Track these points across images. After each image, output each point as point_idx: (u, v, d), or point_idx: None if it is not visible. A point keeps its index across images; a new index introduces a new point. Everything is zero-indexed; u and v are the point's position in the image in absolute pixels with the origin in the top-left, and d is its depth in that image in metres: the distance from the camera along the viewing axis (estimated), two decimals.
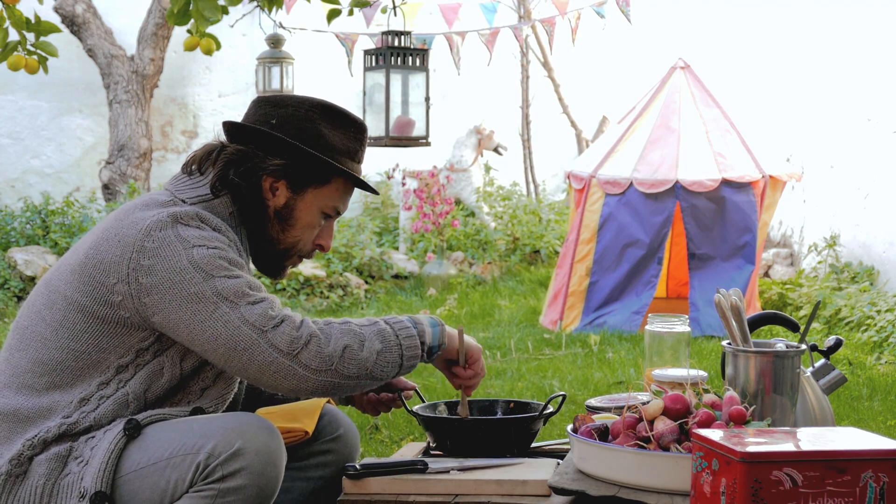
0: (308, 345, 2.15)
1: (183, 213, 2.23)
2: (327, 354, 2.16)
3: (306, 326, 2.17)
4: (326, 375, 2.16)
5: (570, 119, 11.21)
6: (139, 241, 2.19)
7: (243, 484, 2.09)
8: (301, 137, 2.35)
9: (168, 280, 2.16)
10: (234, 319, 2.14)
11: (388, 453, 4.29)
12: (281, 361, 2.14)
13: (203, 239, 2.21)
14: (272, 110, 2.37)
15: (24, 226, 9.30)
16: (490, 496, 2.33)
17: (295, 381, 2.15)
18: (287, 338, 2.14)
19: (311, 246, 2.46)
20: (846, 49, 8.74)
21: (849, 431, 2.09)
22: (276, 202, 2.37)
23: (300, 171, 2.36)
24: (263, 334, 2.14)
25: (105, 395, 2.21)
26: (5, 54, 3.68)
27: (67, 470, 2.16)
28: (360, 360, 2.19)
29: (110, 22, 10.06)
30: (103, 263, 2.21)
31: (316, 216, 2.42)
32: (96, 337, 2.21)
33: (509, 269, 9.60)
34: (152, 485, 2.12)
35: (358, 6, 3.87)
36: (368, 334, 2.23)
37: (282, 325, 2.15)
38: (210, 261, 2.18)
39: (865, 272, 8.04)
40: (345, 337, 2.20)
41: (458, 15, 7.07)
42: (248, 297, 2.17)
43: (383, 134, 4.63)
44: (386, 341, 2.24)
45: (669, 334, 2.60)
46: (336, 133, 2.39)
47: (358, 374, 2.19)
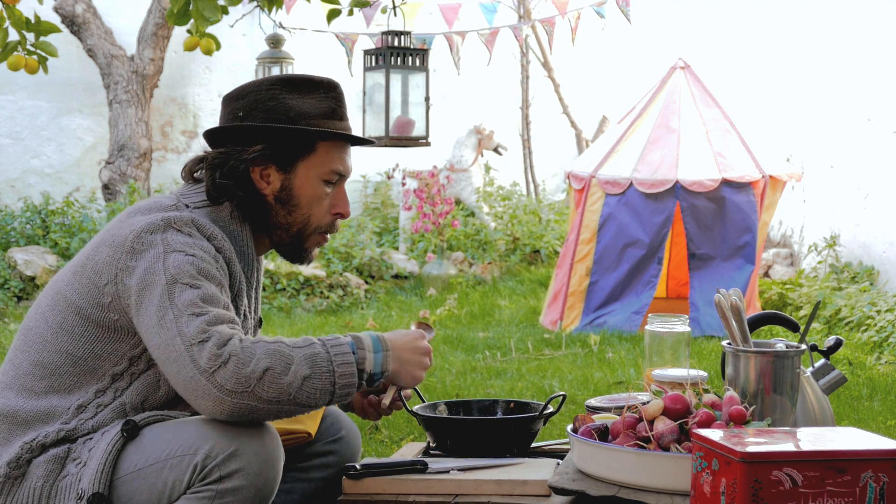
0: (226, 364, 2.04)
1: (178, 218, 2.22)
2: (244, 375, 2.04)
3: (231, 345, 2.06)
4: (242, 398, 2.04)
5: (570, 119, 11.21)
6: (129, 242, 2.19)
7: (241, 485, 2.08)
8: (270, 117, 2.33)
9: (142, 280, 2.15)
10: (172, 328, 2.08)
11: (388, 453, 4.29)
12: (198, 379, 2.04)
13: (185, 245, 2.18)
14: (236, 104, 2.37)
15: (24, 226, 9.30)
16: (490, 496, 2.33)
17: (210, 402, 2.05)
18: (207, 354, 2.04)
19: (328, 217, 2.41)
20: (846, 49, 8.74)
21: (849, 431, 2.09)
22: (273, 188, 2.35)
23: (281, 149, 2.33)
24: (189, 348, 2.06)
25: (103, 404, 2.21)
26: (5, 54, 3.68)
27: (66, 472, 2.16)
28: (282, 384, 2.06)
29: (110, 22, 10.06)
30: (98, 265, 2.21)
31: (317, 187, 2.37)
32: (91, 342, 2.21)
33: (509, 269, 9.60)
34: (150, 486, 2.11)
35: (358, 6, 3.87)
36: (298, 358, 2.09)
37: (208, 341, 2.05)
38: (179, 266, 2.14)
39: (865, 272, 8.04)
40: (268, 358, 2.06)
41: (458, 15, 7.07)
42: (195, 307, 2.10)
43: (383, 134, 4.63)
44: (316, 367, 2.10)
45: (669, 334, 2.60)
46: (305, 100, 2.36)
47: (278, 398, 2.06)
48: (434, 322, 7.65)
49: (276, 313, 8.08)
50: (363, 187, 11.10)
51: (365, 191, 11.09)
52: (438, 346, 6.75)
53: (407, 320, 7.71)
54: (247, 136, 2.34)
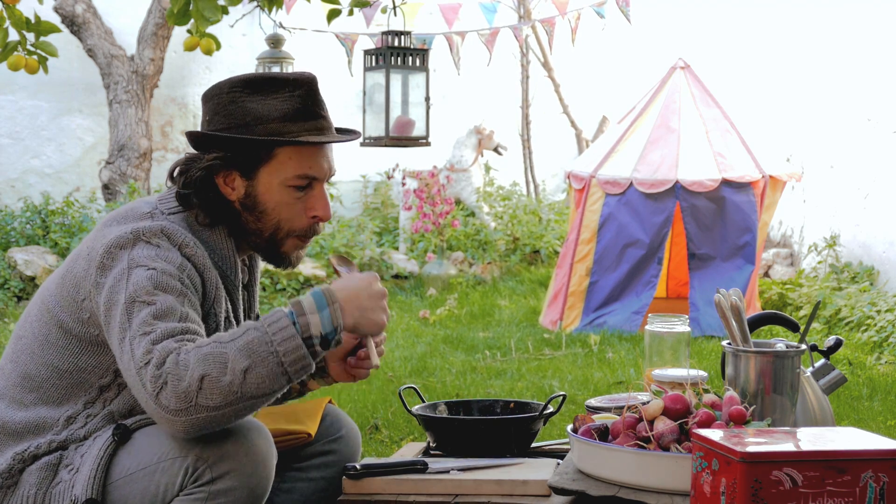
0: (165, 384, 1.96)
1: (147, 229, 2.16)
2: (182, 391, 1.95)
3: (167, 363, 1.97)
4: (189, 413, 1.96)
5: (570, 119, 11.21)
6: (100, 257, 2.15)
7: (233, 485, 2.07)
8: (229, 122, 2.24)
9: (108, 300, 2.11)
10: (128, 351, 2.03)
11: (388, 453, 4.29)
12: (149, 403, 1.99)
13: (150, 259, 2.12)
14: (205, 106, 2.31)
15: (24, 226, 9.30)
16: (490, 496, 2.33)
17: (166, 424, 1.99)
18: (149, 377, 1.98)
19: (304, 221, 2.29)
20: (846, 49, 8.74)
21: (849, 431, 2.09)
22: (238, 195, 2.26)
23: (240, 156, 2.23)
24: (139, 371, 2.00)
25: (92, 414, 2.20)
26: (5, 54, 3.68)
27: (58, 478, 2.15)
28: (223, 386, 1.96)
29: (110, 22, 10.06)
30: (76, 279, 2.19)
31: (282, 193, 2.25)
32: (76, 356, 2.19)
33: (509, 269, 9.60)
34: (142, 489, 2.11)
35: (358, 6, 3.87)
36: (232, 352, 1.97)
37: (150, 363, 1.99)
38: (138, 282, 2.08)
39: (865, 272, 8.04)
40: (201, 365, 1.96)
41: (458, 15, 7.07)
42: (146, 326, 2.03)
43: (383, 134, 4.63)
44: (254, 354, 1.98)
45: (669, 334, 2.60)
46: (267, 101, 2.24)
47: (225, 401, 1.96)
48: (434, 322, 7.65)
49: None
50: (363, 187, 11.10)
51: (365, 191, 11.09)
52: (438, 346, 6.75)
53: (407, 320, 7.71)
54: (210, 142, 2.27)
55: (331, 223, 10.22)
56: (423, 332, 7.28)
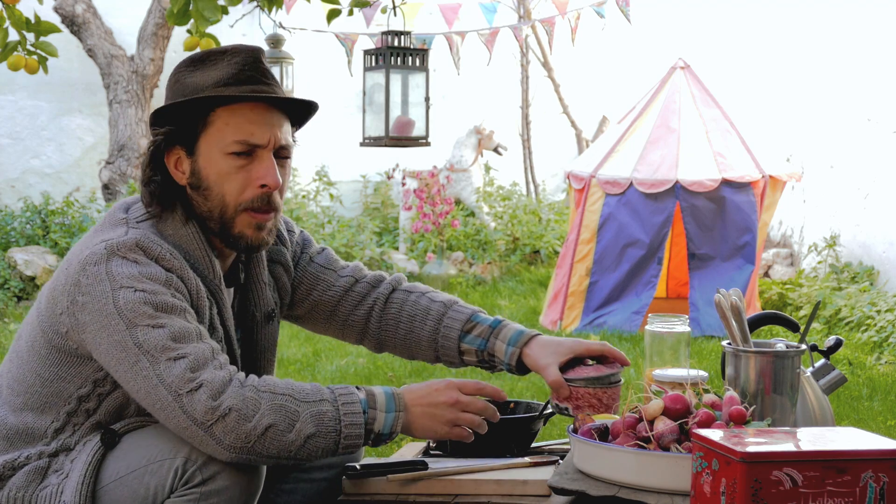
0: (225, 417, 1.98)
1: (120, 244, 2.10)
2: (245, 432, 1.99)
3: (229, 395, 1.99)
4: (241, 452, 2.00)
5: (570, 119, 11.21)
6: (76, 274, 2.10)
7: (225, 485, 2.06)
8: (174, 99, 2.19)
9: (97, 322, 2.07)
10: (152, 377, 2.01)
11: (388, 453, 4.29)
12: (194, 430, 1.99)
13: (132, 279, 2.06)
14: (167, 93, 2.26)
15: (24, 226, 9.31)
16: (490, 496, 2.33)
17: (210, 449, 2.02)
18: (202, 407, 1.98)
19: (250, 192, 2.18)
20: (846, 49, 8.74)
21: (849, 431, 2.09)
22: (186, 176, 2.20)
23: (180, 129, 2.17)
24: (178, 398, 1.99)
25: (78, 423, 2.19)
26: (5, 54, 3.68)
27: (46, 482, 2.15)
28: (285, 442, 2.01)
29: (110, 22, 10.06)
30: (55, 291, 2.16)
31: (222, 161, 2.16)
32: (56, 365, 2.18)
33: (509, 269, 9.60)
34: (133, 493, 2.10)
35: (358, 6, 3.87)
36: (304, 415, 2.02)
37: (199, 390, 1.98)
38: (134, 307, 2.04)
39: (865, 272, 8.05)
40: (272, 414, 2.00)
41: (458, 15, 7.07)
42: (170, 351, 2.01)
43: (383, 134, 4.63)
44: (322, 426, 2.03)
45: (669, 334, 2.60)
46: (206, 73, 2.18)
47: (278, 455, 2.02)
48: None
49: None
50: (363, 187, 11.10)
51: (365, 191, 11.09)
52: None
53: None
54: (157, 125, 2.21)
55: (330, 223, 10.23)
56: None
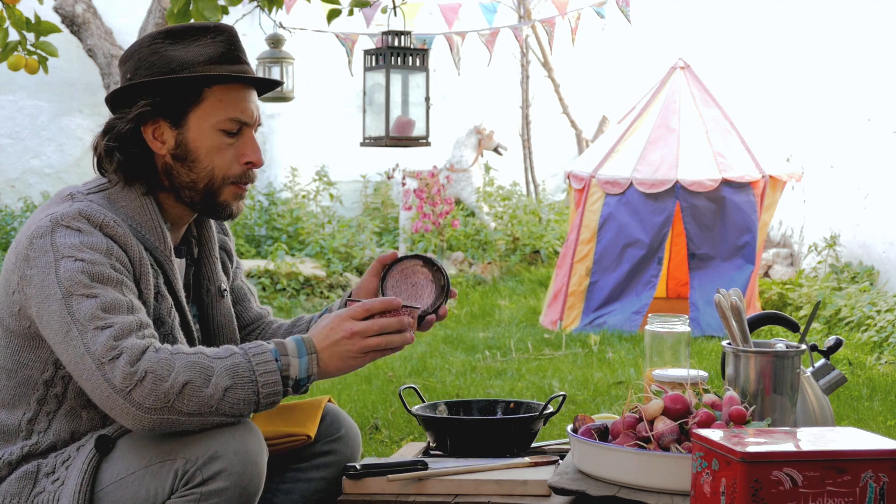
0: (143, 381, 1.99)
1: (64, 214, 2.13)
2: (162, 392, 2.00)
3: (145, 360, 2.01)
4: (162, 413, 2.01)
5: (570, 119, 11.21)
6: (24, 248, 2.13)
7: (225, 486, 2.06)
8: (153, 72, 2.22)
9: (40, 293, 2.09)
10: (80, 346, 2.02)
11: (388, 453, 4.29)
12: (115, 398, 2.00)
13: (73, 249, 2.09)
14: (124, 67, 2.28)
15: None
16: (490, 496, 2.33)
17: (130, 419, 2.02)
18: (121, 373, 1.99)
19: (237, 168, 2.27)
20: (846, 49, 8.74)
21: (849, 431, 2.09)
22: (168, 147, 2.23)
23: (168, 103, 2.21)
24: (101, 367, 2.00)
25: (50, 411, 2.19)
26: (5, 54, 3.68)
27: (40, 487, 2.14)
28: (203, 397, 2.02)
29: (110, 22, 10.06)
30: (7, 273, 2.17)
31: (214, 137, 2.23)
32: (17, 353, 2.18)
33: (509, 269, 9.60)
34: (133, 495, 2.10)
35: (358, 6, 3.88)
36: (218, 369, 2.04)
37: (119, 358, 2.00)
38: (71, 276, 2.06)
39: (865, 272, 8.05)
40: (187, 371, 2.01)
41: (458, 15, 7.07)
42: (98, 320, 2.03)
43: (383, 134, 4.63)
44: (237, 377, 2.05)
45: (669, 334, 2.60)
46: (189, 48, 2.23)
47: (199, 410, 2.03)
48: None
49: (276, 314, 8.08)
50: (363, 187, 11.10)
51: (365, 191, 11.09)
52: (438, 346, 6.75)
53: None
54: (135, 97, 2.23)
55: (330, 223, 10.23)
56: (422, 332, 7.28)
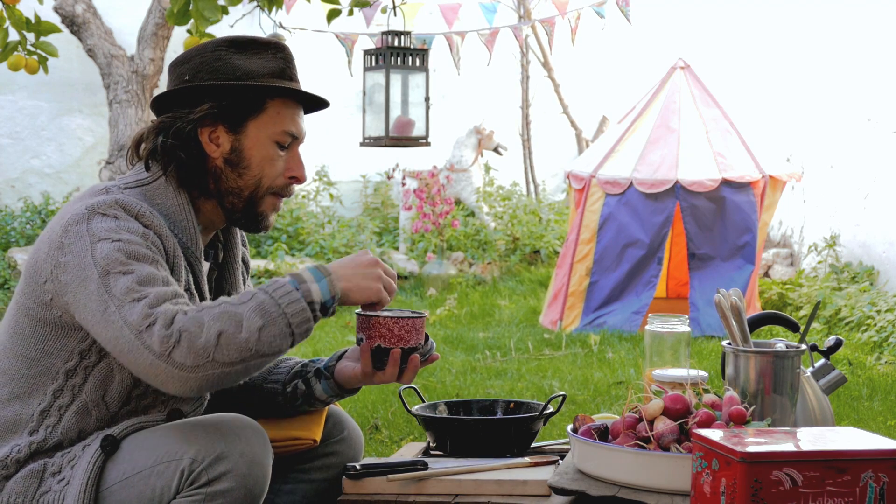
0: (179, 342, 2.00)
1: (101, 203, 2.16)
2: (200, 347, 2.00)
3: (177, 322, 2.01)
4: (205, 369, 2.00)
5: (570, 119, 11.21)
6: (59, 237, 2.15)
7: (230, 487, 2.07)
8: (217, 77, 2.28)
9: (77, 277, 2.10)
10: (117, 321, 2.04)
11: (388, 453, 4.29)
12: (157, 364, 2.00)
13: (110, 231, 2.12)
14: (183, 68, 2.32)
15: (24, 226, 9.31)
16: (490, 496, 2.33)
17: (176, 382, 2.01)
18: (158, 338, 2.00)
19: (282, 180, 2.33)
20: (846, 49, 8.74)
21: (849, 431, 2.09)
22: (223, 150, 2.29)
23: (230, 108, 2.27)
24: (139, 336, 2.01)
25: (63, 405, 2.19)
26: (5, 54, 3.68)
27: (45, 487, 2.14)
28: (240, 342, 2.02)
29: (110, 22, 10.06)
30: (37, 263, 2.18)
31: (269, 148, 2.30)
32: (42, 341, 2.19)
33: (509, 269, 9.60)
34: (138, 494, 2.10)
35: (358, 6, 3.87)
36: (246, 312, 2.04)
37: (154, 324, 2.01)
38: (108, 255, 2.09)
39: (865, 272, 8.05)
40: (218, 322, 2.02)
41: (458, 15, 7.06)
42: (133, 293, 2.05)
43: (383, 134, 4.63)
44: (266, 315, 2.05)
45: (669, 334, 2.60)
46: (252, 60, 2.30)
47: (241, 357, 2.02)
48: (434, 322, 7.65)
49: None
50: (363, 187, 11.10)
51: (365, 191, 11.09)
52: (439, 347, 6.76)
53: None
54: (194, 98, 2.28)
55: (330, 223, 10.23)
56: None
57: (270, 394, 2.51)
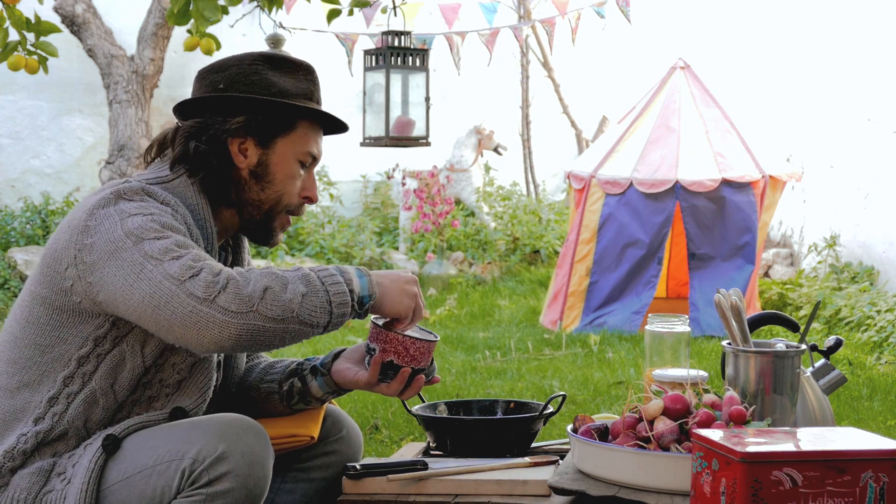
0: (226, 288, 2.05)
1: (127, 188, 2.20)
2: (246, 295, 2.05)
3: (224, 272, 2.08)
4: (248, 318, 2.04)
5: (570, 119, 11.20)
6: (83, 221, 2.17)
7: (231, 487, 2.08)
8: (252, 91, 2.33)
9: (106, 252, 2.13)
10: (156, 275, 2.07)
11: (388, 453, 4.29)
12: (200, 310, 2.04)
13: (140, 208, 2.17)
14: (217, 76, 2.35)
15: (24, 226, 9.30)
16: (490, 496, 2.33)
17: (217, 329, 2.03)
18: (203, 283, 2.05)
19: (297, 199, 2.40)
20: (846, 49, 8.74)
21: (849, 431, 2.09)
22: (249, 162, 2.34)
23: (263, 123, 2.32)
24: (182, 284, 2.05)
25: (72, 393, 2.20)
26: (5, 54, 3.68)
27: (50, 486, 2.15)
28: (284, 301, 2.07)
29: (110, 22, 10.06)
30: (56, 252, 2.20)
31: (292, 166, 2.36)
32: (57, 328, 2.20)
33: (509, 269, 9.60)
34: (139, 493, 2.11)
35: (358, 6, 3.88)
36: (292, 278, 2.12)
37: (200, 273, 2.06)
38: (142, 225, 2.13)
39: (865, 272, 8.04)
40: (265, 279, 2.09)
41: (458, 15, 7.06)
42: (173, 252, 2.10)
43: (383, 134, 4.63)
44: (311, 285, 2.12)
45: (669, 334, 2.60)
46: (286, 78, 2.36)
47: (283, 316, 2.07)
48: (434, 322, 7.65)
49: None
50: (363, 187, 11.10)
51: (365, 191, 11.09)
52: (439, 347, 6.76)
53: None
54: (227, 108, 2.32)
55: (330, 223, 10.23)
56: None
57: (267, 393, 2.52)
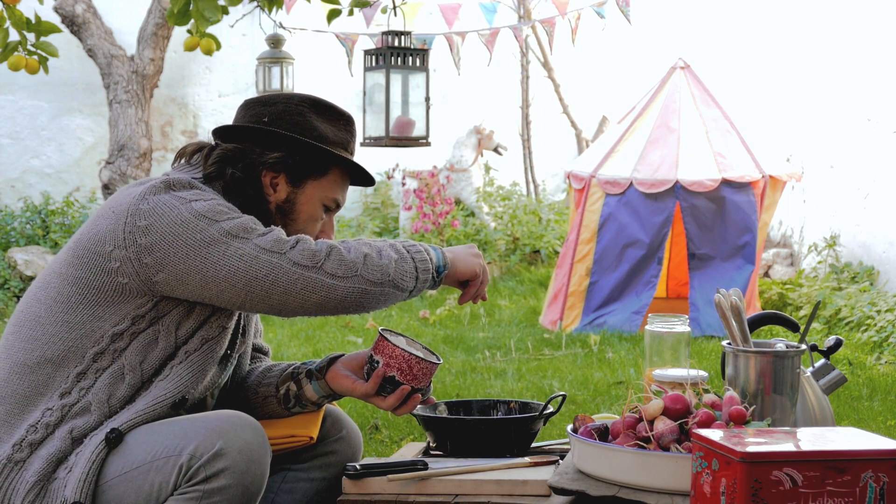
0: (330, 255, 2.20)
1: (176, 180, 2.27)
2: (350, 261, 2.21)
3: (321, 242, 2.23)
4: (353, 281, 2.20)
5: (570, 119, 11.20)
6: (134, 205, 2.22)
7: (228, 484, 2.09)
8: (294, 130, 2.38)
9: (171, 234, 2.18)
10: (250, 251, 2.18)
11: (388, 453, 4.29)
12: (307, 276, 2.18)
13: (199, 195, 2.25)
14: (263, 109, 2.41)
15: (24, 226, 9.30)
16: (490, 496, 2.34)
17: (324, 291, 2.18)
18: (307, 252, 2.19)
19: None
20: (846, 49, 8.74)
21: (849, 431, 2.09)
22: (278, 197, 2.39)
23: (298, 163, 2.38)
24: (283, 255, 2.18)
25: (101, 368, 2.22)
26: (5, 54, 3.68)
27: (56, 474, 2.16)
28: (382, 266, 2.24)
29: (110, 22, 10.06)
30: (99, 234, 2.23)
31: (317, 209, 2.43)
32: (91, 306, 2.22)
33: (509, 269, 9.60)
34: (136, 489, 2.12)
35: (358, 6, 3.88)
36: (383, 246, 2.29)
37: (298, 244, 2.21)
38: (211, 207, 2.22)
39: (865, 272, 8.04)
40: (363, 247, 2.26)
41: (458, 15, 7.06)
42: (256, 230, 2.21)
43: (383, 134, 4.63)
44: (399, 252, 2.29)
45: (669, 334, 2.60)
46: (327, 125, 2.43)
47: (382, 279, 2.24)
48: (434, 322, 7.65)
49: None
50: (363, 187, 11.09)
51: (365, 191, 11.09)
52: (438, 346, 6.75)
53: (407, 320, 7.71)
54: (267, 142, 2.38)
55: None
56: (423, 332, 7.28)
57: (264, 397, 2.53)
